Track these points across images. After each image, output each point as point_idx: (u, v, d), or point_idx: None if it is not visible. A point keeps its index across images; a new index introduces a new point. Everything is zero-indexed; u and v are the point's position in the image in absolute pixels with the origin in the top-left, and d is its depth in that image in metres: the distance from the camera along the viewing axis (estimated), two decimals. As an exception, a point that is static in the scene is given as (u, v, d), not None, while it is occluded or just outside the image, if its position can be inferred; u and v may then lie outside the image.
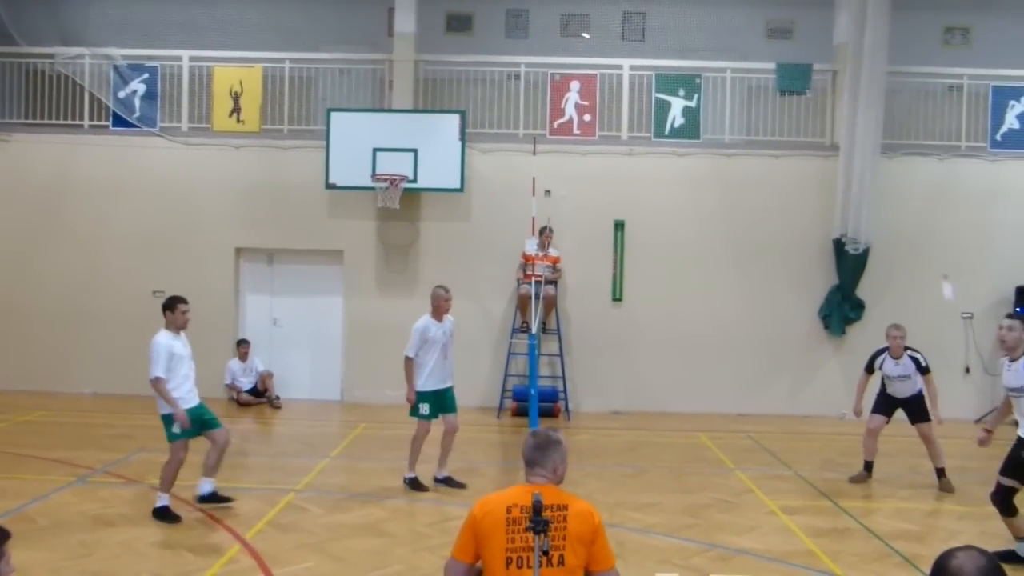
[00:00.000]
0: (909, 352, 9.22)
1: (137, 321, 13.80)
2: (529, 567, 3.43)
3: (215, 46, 14.26)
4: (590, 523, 3.57)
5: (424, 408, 8.63)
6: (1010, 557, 6.61)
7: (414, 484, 8.63)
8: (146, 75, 14.09)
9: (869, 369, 9.47)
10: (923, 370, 9.18)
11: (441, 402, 8.74)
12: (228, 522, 7.29)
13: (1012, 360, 6.60)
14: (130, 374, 13.66)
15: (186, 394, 7.52)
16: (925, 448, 9.40)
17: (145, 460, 9.57)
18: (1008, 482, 6.76)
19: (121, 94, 14.06)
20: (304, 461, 9.81)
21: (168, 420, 7.44)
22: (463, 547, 3.61)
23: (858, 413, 9.53)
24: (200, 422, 7.59)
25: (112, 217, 13.98)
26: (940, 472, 9.22)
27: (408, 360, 8.60)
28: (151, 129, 14.04)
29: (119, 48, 14.12)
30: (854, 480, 9.45)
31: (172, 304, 8.00)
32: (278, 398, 13.56)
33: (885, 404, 9.47)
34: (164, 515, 7.33)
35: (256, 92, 13.96)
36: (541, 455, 3.71)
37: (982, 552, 2.52)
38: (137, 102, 14.06)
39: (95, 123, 14.18)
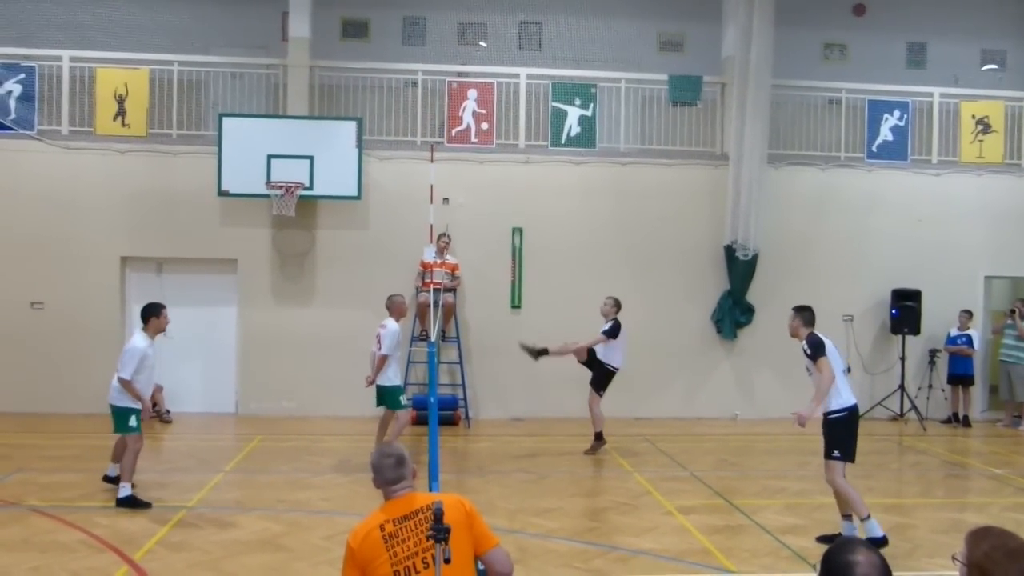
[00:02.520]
0: (613, 319, 11.16)
1: (14, 334, 13.15)
2: (417, 572, 3.56)
3: (98, 46, 13.65)
4: (462, 510, 3.72)
5: (405, 398, 10.23)
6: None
7: None
8: (22, 75, 13.37)
9: None
10: (606, 332, 11.08)
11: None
12: (115, 543, 6.97)
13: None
14: (6, 390, 13.01)
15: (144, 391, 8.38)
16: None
17: (23, 481, 9.07)
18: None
19: (-6, 95, 13.32)
20: (196, 476, 9.48)
21: (126, 413, 8.20)
22: None
23: (571, 353, 11.31)
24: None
25: (-15, 225, 13.22)
26: (597, 436, 11.14)
27: (384, 358, 9.92)
28: (28, 132, 13.33)
29: (-9, 47, 13.39)
30: (588, 452, 11.01)
31: (157, 310, 8.56)
32: (168, 412, 13.06)
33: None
34: (132, 503, 8.00)
35: (143, 95, 13.44)
36: (402, 469, 3.82)
37: (870, 549, 2.59)
38: (12, 103, 13.32)
39: (-34, 125, 13.39)
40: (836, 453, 7.17)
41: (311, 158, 13.00)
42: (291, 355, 13.43)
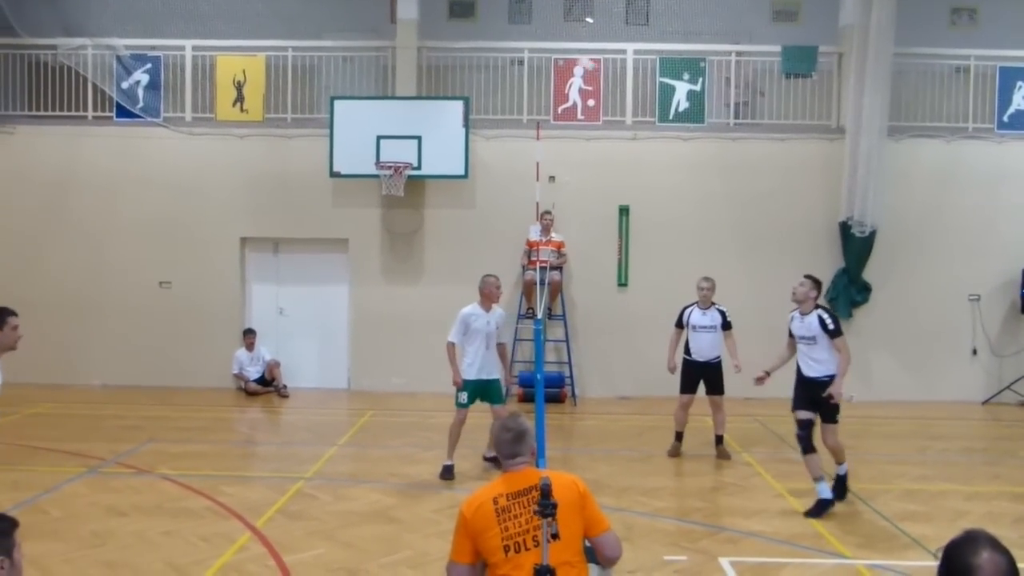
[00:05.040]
0: (717, 306, 9.77)
1: (145, 312, 13.92)
2: (527, 549, 3.55)
3: (218, 35, 14.20)
4: (575, 491, 3.68)
5: (462, 397, 8.55)
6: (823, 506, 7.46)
7: (445, 472, 8.55)
8: (149, 65, 14.06)
9: (679, 324, 9.94)
10: (726, 325, 9.72)
11: (485, 393, 8.66)
12: (238, 510, 7.33)
13: (803, 315, 7.78)
14: (139, 365, 13.82)
15: None
16: (712, 415, 9.85)
17: (155, 451, 9.64)
18: (805, 415, 7.63)
19: (124, 85, 14.04)
20: (312, 449, 9.85)
21: None
22: (460, 549, 3.68)
23: (671, 369, 9.89)
24: None
25: (117, 208, 13.99)
26: (719, 439, 9.79)
27: (450, 345, 8.55)
28: (155, 119, 14.02)
29: (121, 38, 14.07)
30: (671, 454, 9.77)
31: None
32: (285, 387, 13.60)
33: (688, 380, 9.83)
34: None
35: (259, 81, 13.93)
36: (520, 445, 3.81)
37: (995, 548, 2.40)
38: (141, 92, 14.04)
39: (99, 114, 14.16)
40: (838, 416, 7.66)
41: (419, 138, 13.20)
42: (400, 332, 13.73)
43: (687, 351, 9.88)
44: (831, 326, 7.62)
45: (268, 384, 13.64)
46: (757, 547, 6.65)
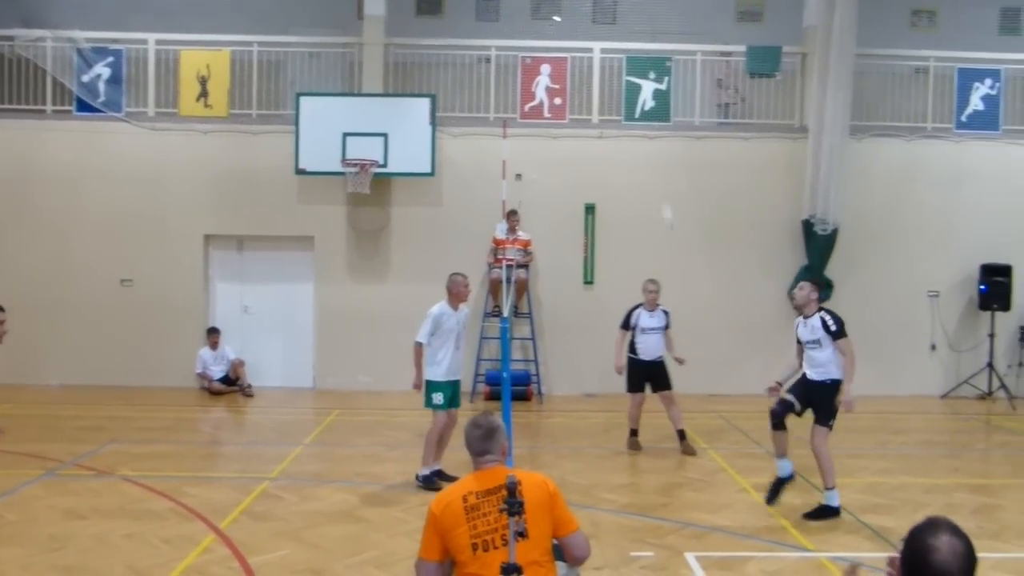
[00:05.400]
0: (662, 307, 10.02)
1: (106, 310, 13.70)
2: (495, 548, 3.54)
3: (182, 29, 13.99)
4: (545, 491, 3.69)
5: (438, 398, 8.13)
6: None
7: (428, 481, 8.09)
8: (111, 59, 13.81)
9: (625, 326, 10.09)
10: (668, 325, 10.00)
11: (450, 394, 8.28)
12: (202, 512, 7.24)
13: (805, 317, 7.69)
14: (99, 364, 13.59)
15: None
16: (666, 411, 9.99)
17: (117, 451, 9.49)
18: (788, 397, 7.59)
19: (85, 78, 13.77)
20: (277, 449, 9.76)
21: None
22: (429, 546, 3.68)
23: (619, 370, 10.04)
24: None
25: (78, 204, 13.73)
26: (681, 434, 9.88)
27: (418, 346, 8.14)
28: (116, 114, 13.78)
29: (82, 31, 13.80)
30: (631, 448, 9.98)
31: None
32: (250, 386, 13.46)
33: (637, 380, 10.01)
34: None
35: (224, 76, 13.75)
36: (490, 442, 3.81)
37: (955, 534, 2.47)
38: (102, 86, 13.79)
39: (58, 108, 13.89)
40: (831, 421, 7.48)
41: (385, 135, 13.14)
42: (366, 331, 13.66)
43: (633, 351, 10.03)
44: (833, 327, 7.54)
45: (232, 383, 13.49)
46: (722, 542, 6.72)
